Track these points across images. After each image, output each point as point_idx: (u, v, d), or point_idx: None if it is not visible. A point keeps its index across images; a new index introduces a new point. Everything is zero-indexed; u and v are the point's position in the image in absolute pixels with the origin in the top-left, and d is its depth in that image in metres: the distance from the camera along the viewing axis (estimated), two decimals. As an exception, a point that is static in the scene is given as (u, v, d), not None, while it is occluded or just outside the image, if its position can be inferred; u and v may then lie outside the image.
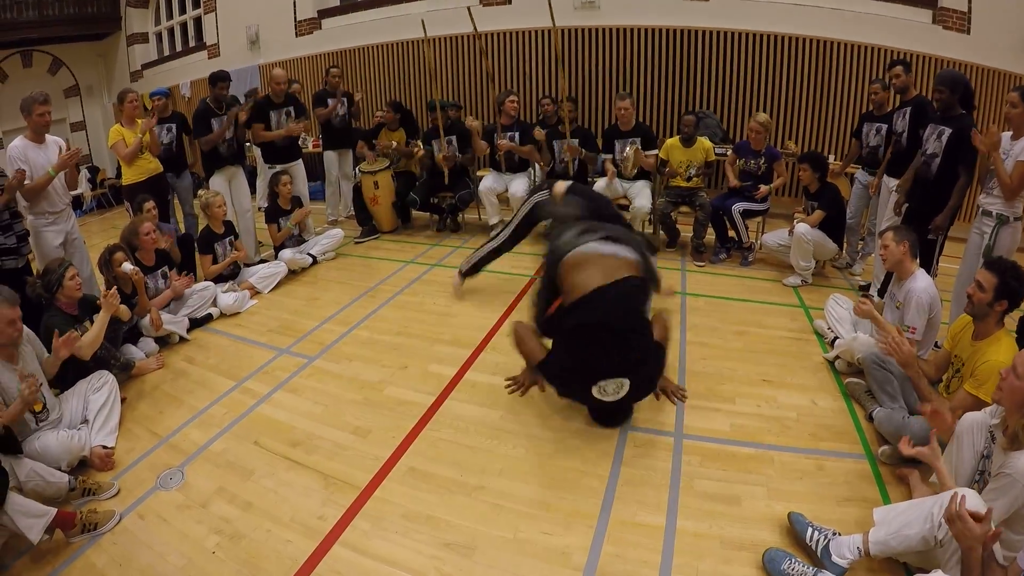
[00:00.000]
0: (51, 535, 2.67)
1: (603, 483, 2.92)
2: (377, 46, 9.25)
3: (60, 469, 3.03)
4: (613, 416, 3.33)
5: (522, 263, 5.79)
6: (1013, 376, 2.18)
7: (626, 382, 3.02)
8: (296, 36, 9.94)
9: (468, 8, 6.42)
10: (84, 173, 10.60)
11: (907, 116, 4.71)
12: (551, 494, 2.87)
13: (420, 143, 7.08)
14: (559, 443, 3.24)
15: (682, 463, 3.05)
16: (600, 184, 6.23)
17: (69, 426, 3.36)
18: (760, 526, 2.63)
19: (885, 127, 5.16)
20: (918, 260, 3.65)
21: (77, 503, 2.95)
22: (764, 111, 6.91)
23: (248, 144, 7.85)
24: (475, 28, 6.60)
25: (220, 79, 5.96)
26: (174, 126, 6.31)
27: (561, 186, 4.35)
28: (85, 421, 3.43)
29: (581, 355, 3.09)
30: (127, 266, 4.27)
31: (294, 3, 9.78)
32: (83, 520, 2.75)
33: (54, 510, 2.64)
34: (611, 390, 3.02)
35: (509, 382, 3.76)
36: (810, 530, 2.47)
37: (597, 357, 3.02)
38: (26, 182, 4.31)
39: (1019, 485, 2.06)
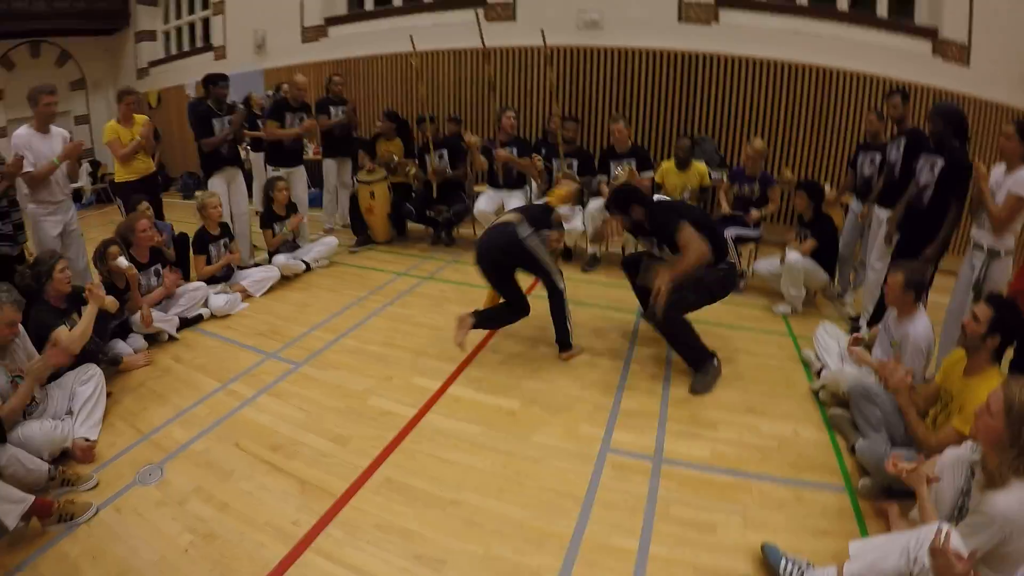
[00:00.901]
0: (27, 522, 2.67)
1: (578, 504, 2.92)
2: (382, 57, 9.28)
3: (41, 458, 3.03)
4: None
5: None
6: (987, 415, 2.19)
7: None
8: (302, 42, 9.98)
9: (476, 13, 6.43)
10: (85, 167, 10.62)
11: (902, 147, 4.71)
12: (526, 513, 2.86)
13: (414, 161, 7.10)
14: (538, 462, 3.24)
15: (659, 488, 3.04)
16: (594, 205, 6.25)
17: (54, 416, 3.37)
18: (734, 555, 2.63)
19: (879, 157, 5.16)
20: (921, 302, 3.61)
21: (55, 492, 2.95)
22: (761, 137, 6.93)
23: (247, 146, 7.87)
24: (482, 38, 6.63)
25: (220, 79, 6.00)
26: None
27: None
28: (69, 412, 3.45)
29: None
30: (122, 261, 4.29)
31: (302, 9, 9.84)
32: (60, 510, 2.76)
33: (32, 497, 2.65)
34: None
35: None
36: (784, 561, 2.46)
37: None
38: (30, 169, 4.36)
39: (995, 525, 2.07)
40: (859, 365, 3.68)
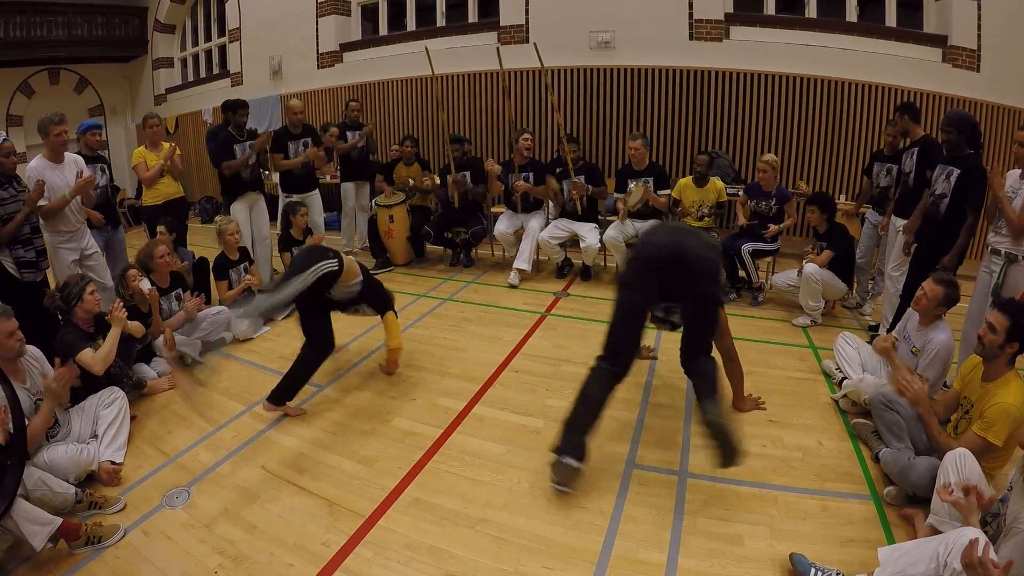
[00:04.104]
0: (55, 544, 2.70)
1: (606, 520, 2.92)
2: (396, 81, 9.41)
3: (68, 481, 3.07)
4: None
5: (536, 300, 5.85)
6: None
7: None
8: (318, 68, 10.15)
9: (497, 48, 6.53)
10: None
11: (915, 156, 4.73)
12: (554, 529, 2.86)
13: (433, 174, 7.18)
14: (564, 479, 3.24)
15: (686, 501, 3.04)
16: (613, 226, 6.27)
17: (78, 440, 3.40)
18: (762, 566, 2.62)
19: (895, 168, 5.19)
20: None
21: (83, 515, 2.98)
22: (776, 151, 6.95)
23: (267, 172, 7.96)
24: (501, 66, 6.71)
25: (240, 106, 6.09)
26: (107, 167, 5.60)
27: None
28: (94, 436, 3.48)
29: None
30: (145, 283, 4.35)
31: (317, 36, 10.01)
32: (88, 532, 2.79)
33: (60, 520, 2.68)
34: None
35: None
36: (813, 570, 2.45)
37: None
38: (43, 202, 4.44)
39: None
40: (882, 354, 3.65)
